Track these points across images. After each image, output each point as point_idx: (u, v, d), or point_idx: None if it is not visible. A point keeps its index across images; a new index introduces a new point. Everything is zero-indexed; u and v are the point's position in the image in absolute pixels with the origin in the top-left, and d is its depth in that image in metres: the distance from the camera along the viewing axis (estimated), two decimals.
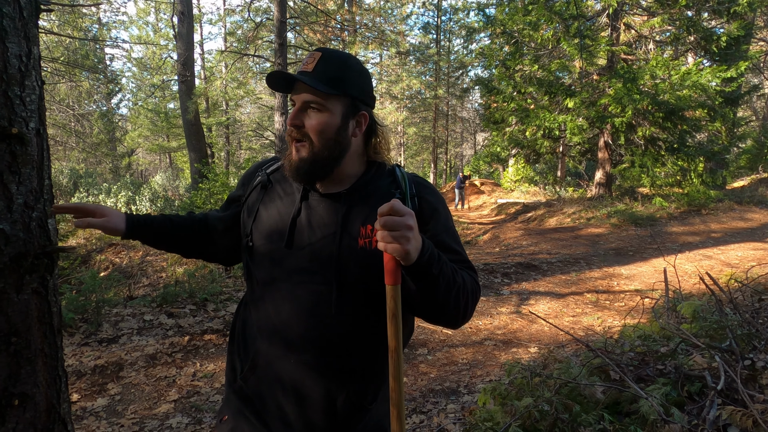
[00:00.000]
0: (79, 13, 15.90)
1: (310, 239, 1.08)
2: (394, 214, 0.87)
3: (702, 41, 12.11)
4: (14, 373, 1.29)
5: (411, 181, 1.16)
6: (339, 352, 1.09)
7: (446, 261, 1.00)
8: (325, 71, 1.04)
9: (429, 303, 1.01)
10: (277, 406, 1.12)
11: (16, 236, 1.26)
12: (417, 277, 0.94)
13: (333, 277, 1.06)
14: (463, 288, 1.03)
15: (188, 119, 13.04)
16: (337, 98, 1.06)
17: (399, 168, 1.19)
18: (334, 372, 1.09)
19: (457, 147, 40.06)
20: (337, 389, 1.10)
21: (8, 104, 1.23)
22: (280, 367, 1.11)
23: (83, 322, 4.37)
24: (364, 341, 1.10)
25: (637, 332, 3.20)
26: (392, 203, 0.87)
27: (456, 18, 28.56)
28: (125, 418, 3.08)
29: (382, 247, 0.88)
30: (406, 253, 0.87)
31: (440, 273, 0.96)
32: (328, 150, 1.07)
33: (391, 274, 0.91)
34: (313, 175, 1.09)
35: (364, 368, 1.12)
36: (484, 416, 2.50)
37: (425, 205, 1.14)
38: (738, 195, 14.17)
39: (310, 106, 1.06)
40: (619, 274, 7.07)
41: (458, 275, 1.03)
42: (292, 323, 1.08)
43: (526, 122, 13.01)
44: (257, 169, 1.27)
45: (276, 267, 1.11)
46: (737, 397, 2.04)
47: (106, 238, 8.64)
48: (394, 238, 0.86)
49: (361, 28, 18.21)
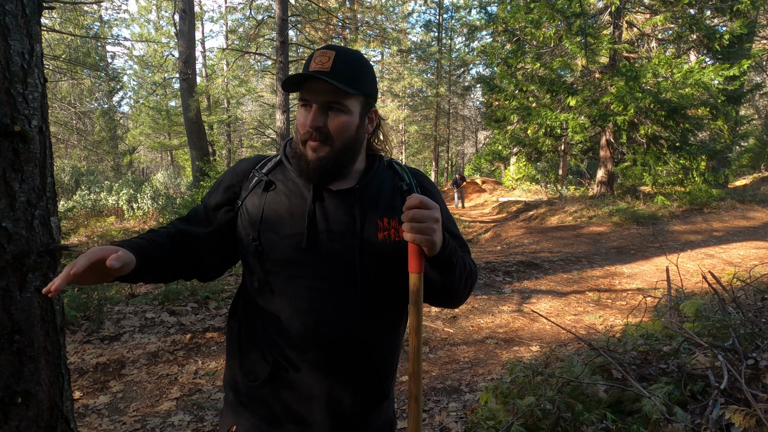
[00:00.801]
0: (80, 10, 15.89)
1: (329, 237, 1.07)
2: (423, 207, 0.93)
3: (704, 39, 12.07)
4: (17, 371, 1.29)
5: (412, 173, 1.21)
6: (365, 349, 1.09)
7: (458, 249, 1.08)
8: (344, 70, 1.02)
9: (446, 289, 1.08)
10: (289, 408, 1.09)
11: (19, 234, 1.25)
12: (441, 266, 1.02)
13: (356, 273, 1.06)
14: (470, 273, 1.12)
15: (190, 117, 13.05)
16: (356, 98, 1.05)
17: (394, 161, 1.22)
18: (360, 370, 1.10)
19: (458, 145, 40.03)
20: (361, 386, 1.11)
21: (11, 102, 1.22)
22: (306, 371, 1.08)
23: (85, 319, 4.38)
24: (386, 336, 1.14)
25: (640, 331, 3.19)
26: (421, 197, 0.93)
27: (457, 16, 28.55)
28: (127, 415, 3.08)
29: (411, 238, 0.94)
30: (433, 244, 0.94)
31: (458, 262, 1.05)
32: (349, 149, 1.08)
33: (416, 262, 0.97)
34: (334, 174, 1.08)
35: (385, 363, 1.15)
36: (486, 415, 2.50)
37: (427, 195, 1.18)
38: (740, 193, 14.15)
39: (331, 106, 1.04)
40: (620, 272, 7.06)
41: (466, 261, 1.12)
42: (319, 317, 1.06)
43: (528, 120, 12.99)
44: (248, 170, 1.19)
45: (294, 268, 1.07)
46: (740, 396, 2.04)
47: (108, 236, 8.64)
48: (423, 229, 0.92)
49: (363, 26, 18.19)
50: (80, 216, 10.31)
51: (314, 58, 1.03)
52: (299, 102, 1.07)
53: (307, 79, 1.02)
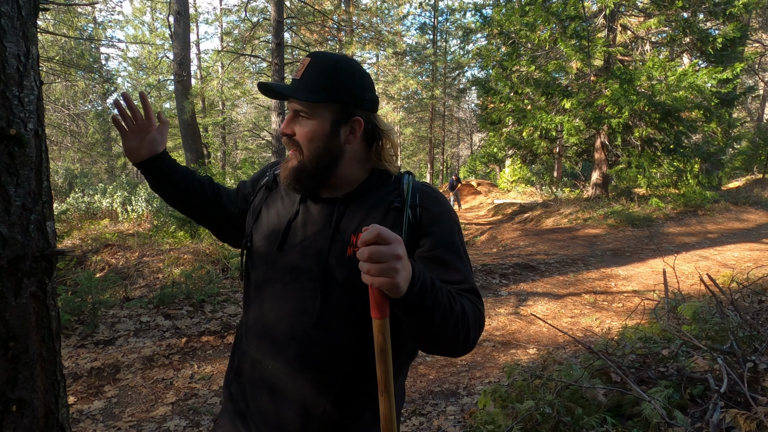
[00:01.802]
0: (74, 12, 15.82)
1: (302, 241, 1.08)
2: (381, 242, 0.77)
3: (698, 42, 12.17)
4: (12, 378, 1.26)
5: (417, 190, 1.08)
6: (321, 359, 1.04)
7: (441, 287, 0.89)
8: (312, 78, 1.03)
9: (424, 336, 0.91)
10: (260, 409, 1.10)
11: (14, 239, 1.23)
12: (409, 310, 0.85)
13: (317, 285, 1.03)
14: (463, 317, 0.91)
15: (184, 119, 12.99)
16: (324, 105, 1.04)
17: (409, 176, 1.13)
18: (313, 379, 1.04)
19: (453, 147, 40.11)
20: (314, 399, 1.04)
21: (6, 105, 1.20)
22: (263, 368, 1.09)
23: (79, 323, 4.33)
24: (348, 353, 1.03)
25: (638, 334, 3.19)
26: (378, 230, 0.77)
27: (453, 18, 28.59)
28: (122, 420, 3.05)
29: (369, 281, 0.79)
30: (395, 287, 0.78)
31: (435, 303, 0.86)
32: (317, 158, 1.05)
33: (378, 307, 0.81)
34: (304, 183, 1.07)
35: (346, 383, 1.04)
36: (485, 419, 2.49)
37: (425, 216, 1.05)
38: (734, 196, 14.24)
39: (299, 114, 1.05)
40: (616, 274, 7.08)
41: (456, 303, 0.92)
42: (277, 323, 1.07)
43: (523, 123, 13.03)
44: (267, 170, 1.27)
45: (269, 268, 1.10)
46: (740, 399, 2.04)
47: (102, 239, 8.58)
48: (381, 270, 0.77)
49: (358, 29, 18.19)
50: (74, 219, 10.24)
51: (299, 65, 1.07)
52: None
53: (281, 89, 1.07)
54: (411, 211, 1.04)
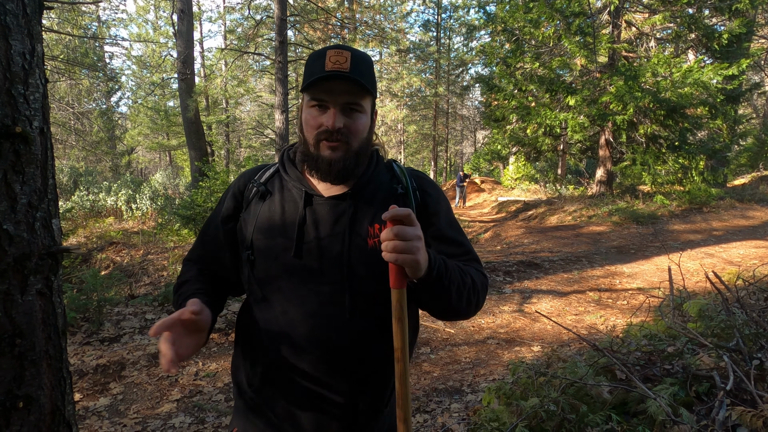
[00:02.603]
0: (78, 10, 15.86)
1: (318, 244, 1.05)
2: (407, 222, 0.85)
3: (703, 39, 12.08)
4: (19, 376, 1.27)
5: (411, 175, 1.15)
6: (352, 355, 1.06)
7: (452, 265, 1.01)
8: (362, 70, 1.01)
9: (442, 308, 1.04)
10: (290, 414, 1.09)
11: (20, 237, 1.24)
12: (430, 290, 0.96)
13: (344, 278, 1.03)
14: (473, 287, 1.04)
15: (188, 117, 13.01)
16: (369, 98, 1.06)
17: (395, 163, 1.18)
18: (347, 376, 1.06)
19: (457, 145, 40.03)
20: (353, 393, 1.07)
21: (12, 103, 1.21)
22: (292, 375, 1.07)
23: (85, 321, 4.35)
24: (376, 344, 1.07)
25: (643, 331, 3.18)
26: (409, 211, 0.85)
27: (456, 15, 28.51)
28: (128, 417, 3.06)
29: (392, 258, 0.85)
30: (416, 263, 0.87)
31: (450, 282, 0.98)
32: (364, 150, 1.08)
33: (397, 278, 0.88)
34: (351, 173, 1.07)
35: (377, 372, 1.09)
36: (490, 416, 2.48)
37: (428, 199, 1.13)
38: (739, 193, 14.16)
39: (351, 107, 1.03)
40: (621, 272, 7.06)
41: (467, 276, 1.04)
42: (300, 328, 1.05)
43: (527, 120, 12.98)
44: (246, 183, 1.18)
45: (284, 276, 1.07)
46: (746, 397, 2.03)
47: (107, 237, 8.62)
48: (406, 248, 0.84)
49: (362, 26, 18.17)
50: (79, 217, 10.29)
51: (328, 57, 1.00)
52: (310, 102, 1.04)
53: (328, 79, 0.99)
54: (413, 195, 1.11)
